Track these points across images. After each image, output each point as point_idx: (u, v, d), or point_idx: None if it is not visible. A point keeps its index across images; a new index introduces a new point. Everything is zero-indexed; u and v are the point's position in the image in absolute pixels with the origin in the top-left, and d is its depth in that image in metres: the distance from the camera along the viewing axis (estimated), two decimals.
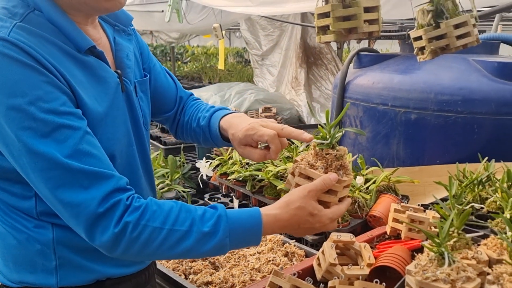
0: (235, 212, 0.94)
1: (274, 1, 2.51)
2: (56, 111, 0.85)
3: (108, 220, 0.86)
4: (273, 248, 1.61)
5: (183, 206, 0.93)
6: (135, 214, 0.88)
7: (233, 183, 2.12)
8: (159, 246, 0.89)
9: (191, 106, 1.34)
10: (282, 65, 5.29)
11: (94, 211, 0.85)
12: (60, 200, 0.86)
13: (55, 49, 0.91)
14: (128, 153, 1.07)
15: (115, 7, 0.97)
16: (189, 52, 11.53)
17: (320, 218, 0.96)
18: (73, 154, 0.85)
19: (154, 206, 0.91)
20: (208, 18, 4.53)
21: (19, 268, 1.02)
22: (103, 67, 1.00)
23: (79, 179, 0.86)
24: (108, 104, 0.99)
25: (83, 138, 0.88)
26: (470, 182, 1.60)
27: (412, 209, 1.39)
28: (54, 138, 0.85)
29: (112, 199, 0.87)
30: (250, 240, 0.94)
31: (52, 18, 0.92)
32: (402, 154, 2.30)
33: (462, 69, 2.21)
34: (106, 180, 0.88)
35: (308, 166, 1.01)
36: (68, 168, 0.85)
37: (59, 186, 0.85)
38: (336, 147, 1.03)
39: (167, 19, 2.66)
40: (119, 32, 1.13)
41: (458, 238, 1.10)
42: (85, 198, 0.85)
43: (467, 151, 2.09)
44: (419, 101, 2.19)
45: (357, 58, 2.67)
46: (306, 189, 0.96)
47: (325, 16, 1.03)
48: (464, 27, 1.12)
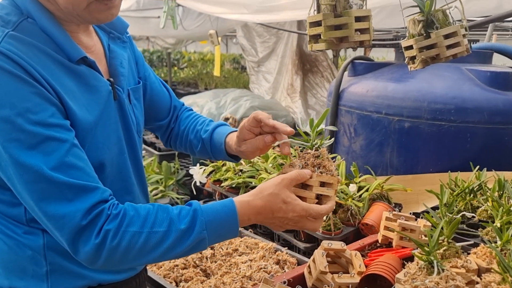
0: (210, 205, 0.95)
1: (269, 8, 2.53)
2: (44, 123, 0.86)
3: (90, 231, 0.86)
4: (265, 255, 1.61)
5: (160, 207, 0.93)
6: (114, 221, 0.88)
7: (226, 190, 2.12)
8: (141, 249, 0.89)
9: (187, 117, 1.36)
10: (278, 72, 5.31)
11: (78, 223, 0.85)
12: (44, 212, 0.86)
13: (46, 59, 0.91)
14: (119, 161, 1.07)
15: (107, 19, 0.97)
16: (185, 58, 11.56)
17: (294, 207, 0.96)
18: (58, 167, 0.86)
19: (132, 211, 0.91)
20: (204, 25, 4.55)
21: (9, 274, 1.02)
22: (95, 76, 1.00)
23: (64, 192, 0.86)
24: (98, 113, 0.99)
25: (69, 151, 0.88)
26: (461, 190, 1.61)
27: (404, 217, 1.39)
28: (41, 150, 0.85)
29: (95, 210, 0.87)
30: (228, 229, 0.95)
31: (44, 26, 0.93)
32: (395, 162, 2.31)
33: (455, 78, 2.23)
34: (91, 192, 0.88)
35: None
36: (53, 181, 0.85)
37: (43, 198, 0.86)
38: (318, 149, 1.07)
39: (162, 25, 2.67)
40: (114, 39, 1.14)
41: (448, 246, 1.10)
42: (69, 210, 0.85)
43: (460, 160, 2.10)
44: (413, 109, 2.20)
45: (351, 66, 2.69)
46: (280, 177, 0.97)
47: (317, 25, 1.04)
48: (454, 37, 1.13)
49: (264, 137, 1.12)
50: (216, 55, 3.61)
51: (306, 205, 0.97)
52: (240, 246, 1.69)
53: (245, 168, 2.13)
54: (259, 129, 1.13)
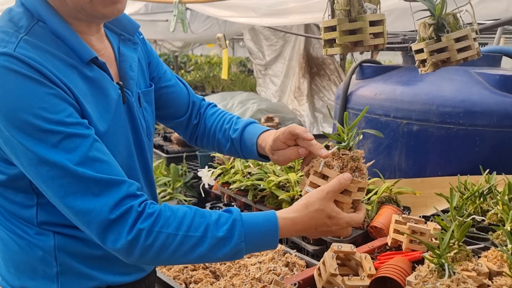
0: (251, 216, 0.94)
1: (277, 12, 2.54)
2: (63, 122, 0.87)
3: (121, 227, 0.87)
4: (274, 258, 1.61)
5: (197, 211, 0.93)
6: (148, 221, 0.88)
7: (234, 192, 2.13)
8: (174, 252, 0.89)
9: (212, 114, 1.33)
10: (285, 75, 5.32)
11: (106, 218, 0.86)
12: (71, 208, 0.87)
13: (59, 62, 0.92)
14: (128, 164, 1.07)
15: (113, 14, 0.96)
16: (192, 61, 11.61)
17: (338, 221, 0.95)
18: (83, 162, 0.86)
19: (168, 212, 0.91)
20: (212, 28, 4.58)
21: (20, 274, 1.03)
22: (105, 79, 1.01)
23: (90, 187, 0.86)
24: (110, 117, 1.00)
25: (92, 146, 0.89)
26: (471, 194, 1.60)
27: (413, 220, 1.39)
28: (64, 147, 0.86)
29: (123, 206, 0.87)
30: (267, 244, 0.94)
31: (55, 29, 0.94)
32: (404, 165, 2.30)
33: (464, 82, 2.22)
34: (117, 186, 0.88)
35: (324, 166, 1.02)
36: (78, 176, 0.86)
37: (70, 194, 0.86)
38: (353, 149, 1.05)
39: (172, 29, 2.69)
40: (124, 41, 1.13)
41: (458, 250, 1.10)
42: (96, 205, 0.86)
43: (469, 163, 2.10)
44: (421, 112, 2.20)
45: (359, 69, 2.69)
46: (324, 190, 0.95)
47: (331, 30, 1.05)
48: (465, 41, 1.14)
49: (299, 150, 1.10)
50: (224, 58, 3.62)
51: (349, 217, 0.97)
52: None
53: (253, 171, 2.14)
54: (293, 141, 1.12)
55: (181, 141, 3.69)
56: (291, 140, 1.11)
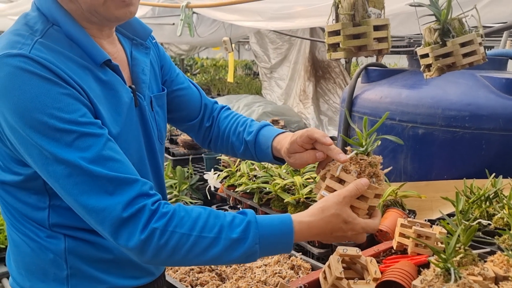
0: (266, 218, 0.93)
1: (283, 16, 2.55)
2: (77, 122, 0.88)
3: (134, 226, 0.86)
4: (280, 260, 1.62)
5: (212, 212, 0.92)
6: (162, 220, 0.88)
7: (240, 195, 2.14)
8: (188, 252, 0.89)
9: (226, 117, 1.33)
10: (291, 78, 5.33)
11: (119, 216, 0.86)
12: (84, 206, 0.87)
13: (73, 64, 0.93)
14: (139, 168, 1.07)
15: (125, 16, 0.98)
16: (198, 64, 11.64)
17: (354, 226, 0.94)
18: (97, 160, 0.87)
19: (182, 212, 0.90)
20: (218, 31, 4.60)
21: (31, 276, 1.04)
22: (118, 82, 1.02)
23: (103, 185, 0.87)
24: (122, 121, 1.00)
25: (105, 145, 0.90)
26: (477, 198, 1.60)
27: (419, 224, 1.39)
28: (77, 146, 0.87)
29: (136, 205, 0.87)
30: (281, 247, 0.93)
31: (70, 32, 0.95)
32: (409, 168, 2.30)
33: (470, 85, 2.22)
34: (130, 185, 0.88)
35: (341, 170, 1.01)
36: (92, 174, 0.86)
37: (83, 192, 0.86)
38: (371, 155, 1.03)
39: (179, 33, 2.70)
40: (136, 46, 1.14)
41: (464, 254, 1.10)
42: (110, 203, 0.86)
43: (475, 167, 2.09)
44: (427, 116, 2.20)
45: (365, 72, 2.70)
46: (341, 195, 0.94)
47: (335, 34, 1.06)
48: (471, 46, 1.14)
49: (316, 153, 1.09)
50: (230, 62, 3.64)
51: (364, 223, 0.95)
52: None
53: (259, 173, 2.15)
54: (311, 145, 1.11)
55: (187, 143, 3.71)
56: (309, 144, 1.10)
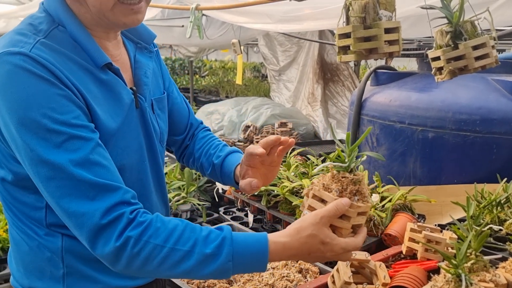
0: (241, 236, 0.92)
1: (292, 18, 2.55)
2: (69, 123, 0.88)
3: (110, 233, 0.87)
4: (287, 264, 1.61)
5: (188, 225, 0.92)
6: (138, 229, 0.88)
7: (248, 198, 2.13)
8: (160, 264, 0.88)
9: (202, 138, 1.37)
10: (299, 81, 5.32)
11: (97, 222, 0.86)
12: (65, 209, 0.88)
13: (74, 65, 0.95)
14: (139, 168, 1.09)
15: (133, 23, 1.00)
16: (207, 66, 11.68)
17: (333, 247, 0.91)
18: (83, 164, 0.88)
19: (159, 223, 0.90)
20: (227, 34, 4.60)
21: (29, 274, 1.06)
22: (119, 84, 1.03)
23: (85, 190, 0.87)
24: (121, 120, 1.02)
25: (94, 149, 0.90)
26: (488, 203, 1.58)
27: (429, 229, 1.38)
28: (66, 148, 0.87)
29: (115, 212, 0.87)
30: (255, 266, 0.91)
31: (74, 34, 0.97)
32: (419, 172, 2.28)
33: (480, 88, 2.20)
34: (112, 192, 0.89)
35: (322, 188, 0.98)
36: (76, 178, 0.87)
37: (66, 195, 0.87)
38: (354, 171, 0.99)
39: (188, 35, 2.71)
40: (141, 49, 1.17)
41: (475, 260, 1.09)
42: (89, 209, 0.87)
43: (486, 171, 2.07)
44: (437, 119, 2.18)
45: (374, 75, 2.68)
46: (318, 215, 0.92)
47: (346, 37, 1.05)
48: (483, 49, 1.12)
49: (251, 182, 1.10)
50: (238, 64, 3.64)
51: (344, 242, 0.93)
52: None
53: None
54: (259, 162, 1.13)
55: None
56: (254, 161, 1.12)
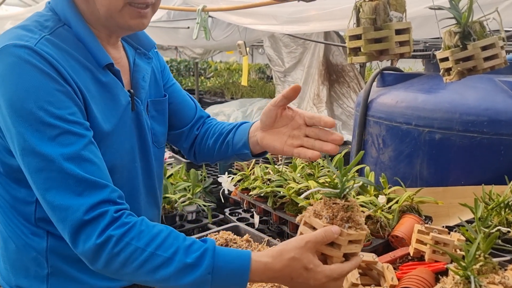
0: (224, 250, 0.90)
1: (298, 20, 2.55)
2: (65, 118, 0.90)
3: (92, 229, 0.87)
4: None
5: (172, 233, 0.91)
6: (121, 229, 0.87)
7: (254, 199, 2.13)
8: (139, 267, 0.87)
9: (211, 121, 1.37)
10: (304, 82, 5.32)
11: (80, 218, 0.86)
12: (50, 202, 0.88)
13: (75, 63, 0.97)
14: (130, 169, 1.10)
15: (137, 27, 1.02)
16: (212, 67, 11.70)
17: (315, 275, 0.88)
18: (73, 158, 0.88)
19: (143, 226, 0.90)
20: (232, 35, 4.61)
21: (15, 272, 1.08)
22: (117, 85, 1.05)
23: (73, 185, 0.88)
24: (116, 121, 1.04)
25: (86, 146, 0.91)
26: (496, 205, 1.57)
27: (437, 230, 1.37)
28: (59, 141, 0.88)
29: (99, 209, 0.87)
30: (235, 282, 0.88)
31: (79, 33, 1.00)
32: (425, 174, 2.27)
33: (488, 90, 2.19)
34: (99, 189, 0.89)
35: (313, 215, 0.94)
36: (65, 171, 0.87)
37: (52, 188, 0.88)
38: (347, 197, 0.94)
39: (195, 36, 2.72)
40: (140, 55, 1.19)
41: (484, 262, 1.08)
42: (74, 203, 0.87)
43: (493, 173, 2.06)
44: (444, 121, 2.17)
45: (380, 76, 2.67)
46: (304, 239, 0.89)
47: (356, 38, 1.04)
48: (492, 49, 1.12)
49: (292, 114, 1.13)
50: (244, 65, 3.65)
51: (329, 270, 0.89)
52: None
53: (273, 177, 2.14)
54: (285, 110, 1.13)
55: None
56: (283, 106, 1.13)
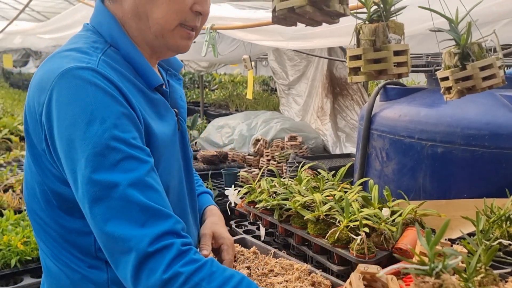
0: None
1: (303, 36, 2.62)
2: (128, 143, 0.86)
3: (157, 263, 0.81)
4: (300, 277, 1.64)
5: (244, 280, 0.87)
6: (190, 266, 0.82)
7: (260, 211, 2.17)
8: None
9: None
10: (308, 95, 5.38)
11: (144, 249, 0.80)
12: (111, 232, 0.82)
13: (129, 85, 0.95)
14: (179, 190, 1.09)
15: (184, 49, 1.02)
16: (216, 80, 11.80)
17: None
18: (136, 184, 0.84)
19: (214, 267, 0.85)
20: (238, 49, 4.69)
21: None
22: (166, 106, 1.05)
23: (136, 213, 0.83)
24: (168, 141, 1.03)
25: (149, 172, 0.88)
26: (498, 218, 1.61)
27: (440, 243, 1.41)
28: (122, 167, 0.84)
29: (164, 241, 0.82)
30: None
31: (129, 53, 0.97)
32: (428, 187, 2.31)
33: (489, 104, 2.24)
34: (164, 219, 0.85)
35: None
36: (127, 199, 0.82)
37: (114, 217, 0.82)
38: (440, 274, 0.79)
39: (204, 54, 2.80)
40: (171, 76, 1.20)
41: (485, 274, 1.11)
42: (138, 234, 0.81)
43: (495, 186, 2.09)
44: (446, 134, 2.22)
45: (383, 91, 2.73)
46: None
47: (356, 58, 1.10)
48: (490, 69, 1.17)
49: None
50: (249, 79, 3.71)
51: None
52: (276, 267, 1.73)
53: (279, 190, 2.18)
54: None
55: (206, 159, 3.77)
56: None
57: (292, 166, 3.32)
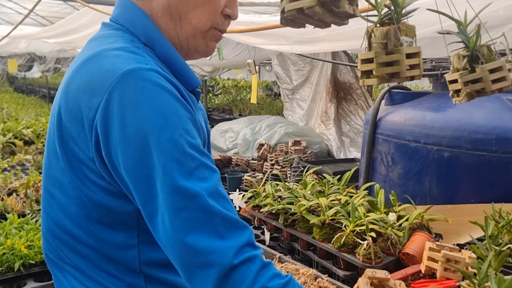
0: None
1: (308, 40, 2.61)
2: (199, 149, 0.82)
3: (242, 275, 0.77)
4: (306, 282, 1.63)
5: None
6: (277, 281, 0.79)
7: (265, 216, 2.16)
8: None
9: None
10: (312, 100, 5.37)
11: (229, 262, 0.76)
12: (192, 245, 0.77)
13: None
14: None
15: (211, 51, 0.99)
16: (220, 84, 11.82)
17: None
18: (213, 194, 0.79)
19: (296, 285, 0.82)
20: (242, 54, 4.69)
21: None
22: (197, 107, 0.99)
23: (216, 225, 0.78)
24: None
25: (219, 182, 0.83)
26: (506, 223, 1.59)
27: (448, 248, 1.39)
28: (197, 175, 0.79)
29: (246, 253, 0.79)
30: None
31: (167, 54, 0.91)
32: (435, 191, 2.29)
33: (496, 108, 2.22)
34: (242, 230, 0.81)
35: None
36: (209, 210, 0.78)
37: (194, 229, 0.77)
38: None
39: (209, 58, 2.80)
40: None
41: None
42: (221, 246, 0.77)
43: (502, 191, 2.07)
44: (452, 139, 2.20)
45: (389, 95, 2.71)
46: None
47: (368, 62, 1.09)
48: (500, 72, 1.16)
49: None
50: (253, 83, 3.71)
51: None
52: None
53: (284, 194, 2.17)
54: None
55: None
56: None
57: (297, 171, 3.30)
